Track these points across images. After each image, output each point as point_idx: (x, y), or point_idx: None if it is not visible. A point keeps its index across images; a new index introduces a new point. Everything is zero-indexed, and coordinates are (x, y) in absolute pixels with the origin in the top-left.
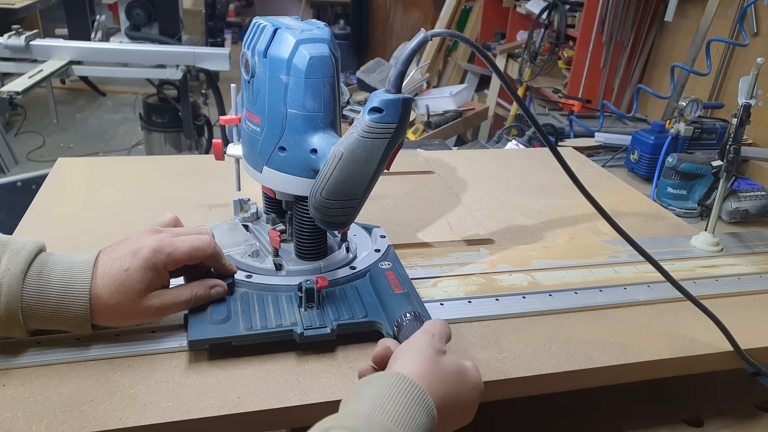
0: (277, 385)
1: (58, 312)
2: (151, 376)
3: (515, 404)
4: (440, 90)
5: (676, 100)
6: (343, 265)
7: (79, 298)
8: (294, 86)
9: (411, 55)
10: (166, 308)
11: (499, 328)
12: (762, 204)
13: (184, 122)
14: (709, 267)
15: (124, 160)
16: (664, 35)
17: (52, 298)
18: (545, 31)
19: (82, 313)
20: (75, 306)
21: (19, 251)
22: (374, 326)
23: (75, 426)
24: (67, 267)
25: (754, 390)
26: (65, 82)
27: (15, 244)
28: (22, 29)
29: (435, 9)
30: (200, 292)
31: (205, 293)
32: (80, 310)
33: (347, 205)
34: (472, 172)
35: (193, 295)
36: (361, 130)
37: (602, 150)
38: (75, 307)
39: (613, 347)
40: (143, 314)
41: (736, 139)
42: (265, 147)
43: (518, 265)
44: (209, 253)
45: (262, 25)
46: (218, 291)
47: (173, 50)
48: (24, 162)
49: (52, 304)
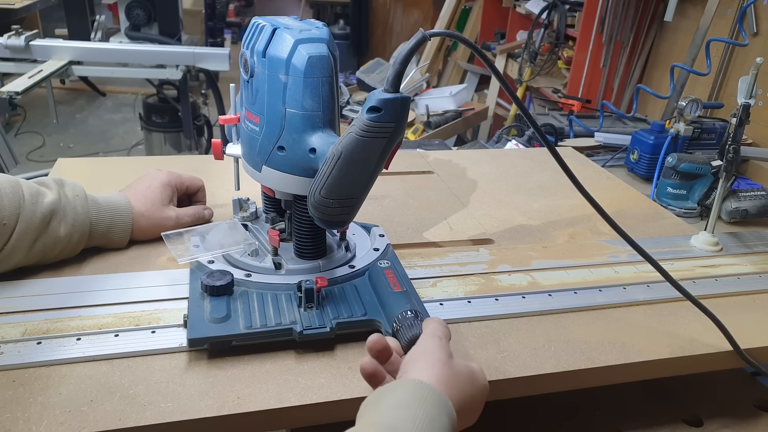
0: (276, 385)
1: (111, 225)
2: (151, 377)
3: (515, 404)
4: (440, 90)
5: (675, 100)
6: (342, 264)
7: (124, 210)
8: (293, 86)
9: (409, 55)
10: (180, 217)
11: (499, 328)
12: (762, 204)
13: (184, 122)
14: (708, 267)
15: (124, 160)
16: (663, 35)
17: (105, 214)
18: (545, 31)
19: (128, 222)
20: (122, 216)
21: (75, 184)
22: (373, 324)
23: (75, 426)
24: (105, 196)
25: (754, 390)
26: (65, 82)
27: (69, 181)
28: (22, 29)
29: (435, 9)
30: (199, 211)
31: (201, 212)
32: (126, 218)
33: (346, 204)
34: (472, 172)
35: (195, 212)
36: (360, 129)
37: (602, 150)
38: (122, 216)
39: (612, 347)
40: (165, 221)
41: (736, 139)
42: (264, 146)
43: (518, 265)
44: (200, 185)
45: (261, 25)
46: (210, 212)
47: (173, 50)
48: (24, 162)
49: (106, 219)
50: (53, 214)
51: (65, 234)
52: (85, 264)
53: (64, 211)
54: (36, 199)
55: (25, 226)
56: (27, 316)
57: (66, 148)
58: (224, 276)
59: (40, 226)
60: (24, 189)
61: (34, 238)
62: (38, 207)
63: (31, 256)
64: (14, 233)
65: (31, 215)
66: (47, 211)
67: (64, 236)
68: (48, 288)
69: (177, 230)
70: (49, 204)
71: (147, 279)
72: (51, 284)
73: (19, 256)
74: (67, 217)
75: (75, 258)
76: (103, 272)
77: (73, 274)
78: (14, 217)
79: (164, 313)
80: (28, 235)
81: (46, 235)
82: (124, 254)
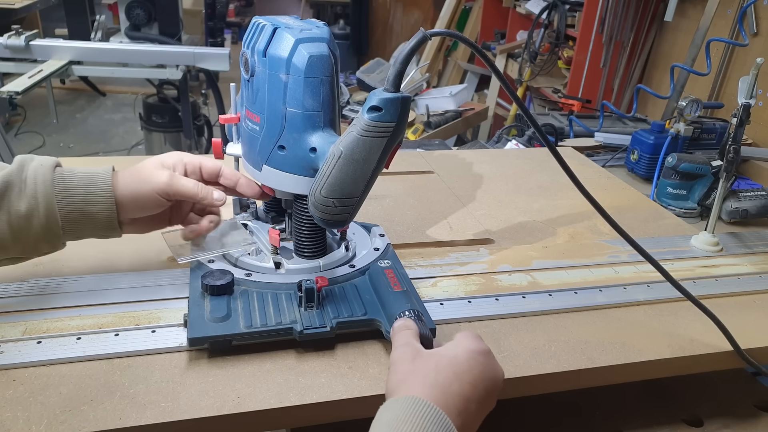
0: (276, 385)
1: (86, 194)
2: (151, 376)
3: (515, 404)
4: (440, 90)
5: (675, 100)
6: (342, 264)
7: (103, 176)
8: (293, 85)
9: (410, 55)
10: (176, 176)
11: (499, 328)
12: (762, 204)
13: (184, 122)
14: (708, 267)
15: (124, 160)
16: (664, 35)
17: (78, 181)
18: (545, 31)
19: (107, 187)
20: (101, 182)
21: (46, 158)
22: (373, 324)
23: (75, 426)
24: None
25: (754, 390)
26: (65, 82)
27: (40, 157)
28: (22, 29)
29: (435, 9)
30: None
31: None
32: (104, 183)
33: (346, 204)
34: (472, 172)
35: (199, 184)
36: (360, 128)
37: (602, 150)
38: (101, 183)
39: (612, 347)
40: (155, 176)
41: (736, 139)
42: (265, 146)
43: (518, 264)
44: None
45: (261, 25)
46: (220, 194)
47: (173, 50)
48: None
49: (80, 187)
50: (8, 186)
51: (27, 208)
52: (85, 263)
53: (23, 183)
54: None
55: None
56: (27, 315)
57: (66, 148)
58: (224, 275)
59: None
60: None
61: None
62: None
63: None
64: None
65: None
66: (1, 184)
67: (26, 211)
68: (48, 287)
69: (177, 229)
70: (4, 176)
71: (147, 279)
72: (51, 284)
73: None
74: (26, 188)
75: (75, 257)
76: (102, 272)
77: (74, 273)
78: None
79: (164, 312)
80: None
81: (5, 212)
82: (124, 254)
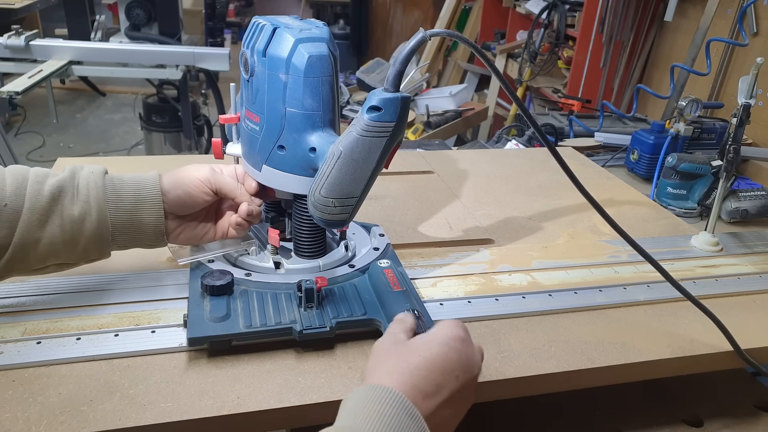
0: (276, 385)
1: (136, 200)
2: (151, 377)
3: (515, 404)
4: (440, 90)
5: (675, 100)
6: (342, 264)
7: (151, 182)
8: (293, 85)
9: (409, 55)
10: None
11: (499, 328)
12: (762, 204)
13: (184, 122)
14: (708, 267)
15: (124, 160)
16: (663, 35)
17: (127, 187)
18: (545, 31)
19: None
20: (149, 188)
21: (96, 166)
22: (373, 324)
23: (75, 426)
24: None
25: (754, 390)
26: (65, 82)
27: (89, 165)
28: (22, 29)
29: (435, 9)
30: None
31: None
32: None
33: (346, 204)
34: (472, 172)
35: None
36: (360, 128)
37: (602, 150)
38: (149, 189)
39: (612, 347)
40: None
41: (736, 139)
42: (265, 145)
43: (518, 264)
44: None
45: (261, 25)
46: (257, 208)
47: (173, 50)
48: (24, 162)
49: (130, 192)
50: (61, 191)
51: (80, 212)
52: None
53: (76, 189)
54: (43, 179)
55: (31, 206)
56: (27, 316)
57: (66, 148)
58: (224, 276)
59: (48, 205)
60: (31, 173)
61: (44, 219)
62: (45, 186)
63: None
64: (22, 214)
65: (37, 194)
66: (54, 189)
67: (79, 215)
68: (48, 288)
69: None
70: (57, 182)
71: (147, 279)
72: (51, 284)
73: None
74: (79, 194)
75: None
76: (103, 272)
77: (74, 273)
78: (19, 198)
79: (164, 313)
80: (35, 215)
81: (58, 215)
82: (124, 254)
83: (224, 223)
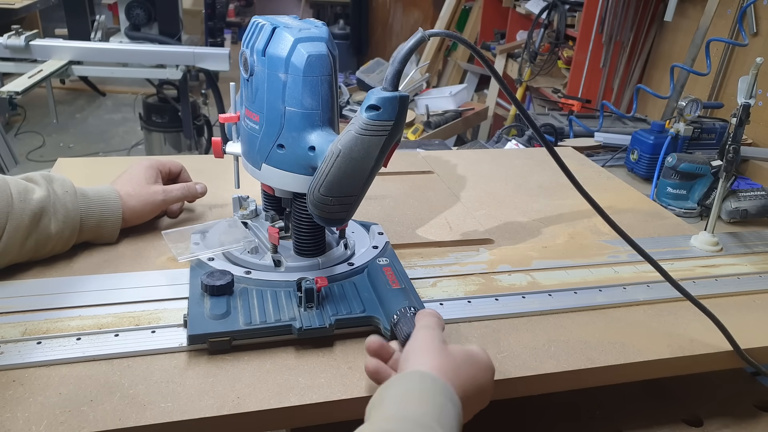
0: (276, 385)
1: (101, 218)
2: (151, 376)
3: (515, 404)
4: (440, 90)
5: (675, 100)
6: (341, 262)
7: (113, 202)
8: (292, 84)
9: (408, 54)
10: (168, 191)
11: (499, 328)
12: (761, 204)
13: (184, 122)
14: (708, 267)
15: (124, 160)
16: (663, 35)
17: (94, 207)
18: (545, 31)
19: (117, 214)
20: (112, 208)
21: (64, 180)
22: (372, 321)
23: (75, 426)
24: (94, 189)
25: (754, 390)
26: (65, 82)
27: (57, 177)
28: (22, 29)
29: (435, 9)
30: (190, 186)
31: (192, 187)
32: (115, 210)
33: (345, 202)
34: (472, 172)
35: (184, 186)
36: (359, 127)
37: (602, 150)
38: (112, 209)
39: (612, 347)
40: (153, 195)
41: (736, 139)
42: (264, 144)
43: (518, 264)
44: (181, 166)
45: (260, 24)
46: (202, 186)
47: (173, 50)
48: (24, 162)
49: (97, 213)
50: (43, 211)
51: (56, 231)
52: (86, 264)
53: (54, 208)
54: (25, 197)
55: (16, 224)
56: (27, 316)
57: (66, 148)
58: (224, 276)
59: (30, 224)
60: (12, 188)
61: (25, 236)
62: (27, 205)
63: (24, 253)
64: (5, 233)
65: (21, 213)
66: (37, 209)
67: (56, 233)
68: (48, 288)
69: (177, 229)
70: (38, 201)
71: (147, 279)
72: (51, 284)
73: (11, 254)
74: (57, 213)
75: (75, 257)
76: (103, 272)
77: (74, 273)
78: (3, 216)
79: (164, 312)
80: (19, 233)
81: (37, 233)
82: (124, 254)
83: None
